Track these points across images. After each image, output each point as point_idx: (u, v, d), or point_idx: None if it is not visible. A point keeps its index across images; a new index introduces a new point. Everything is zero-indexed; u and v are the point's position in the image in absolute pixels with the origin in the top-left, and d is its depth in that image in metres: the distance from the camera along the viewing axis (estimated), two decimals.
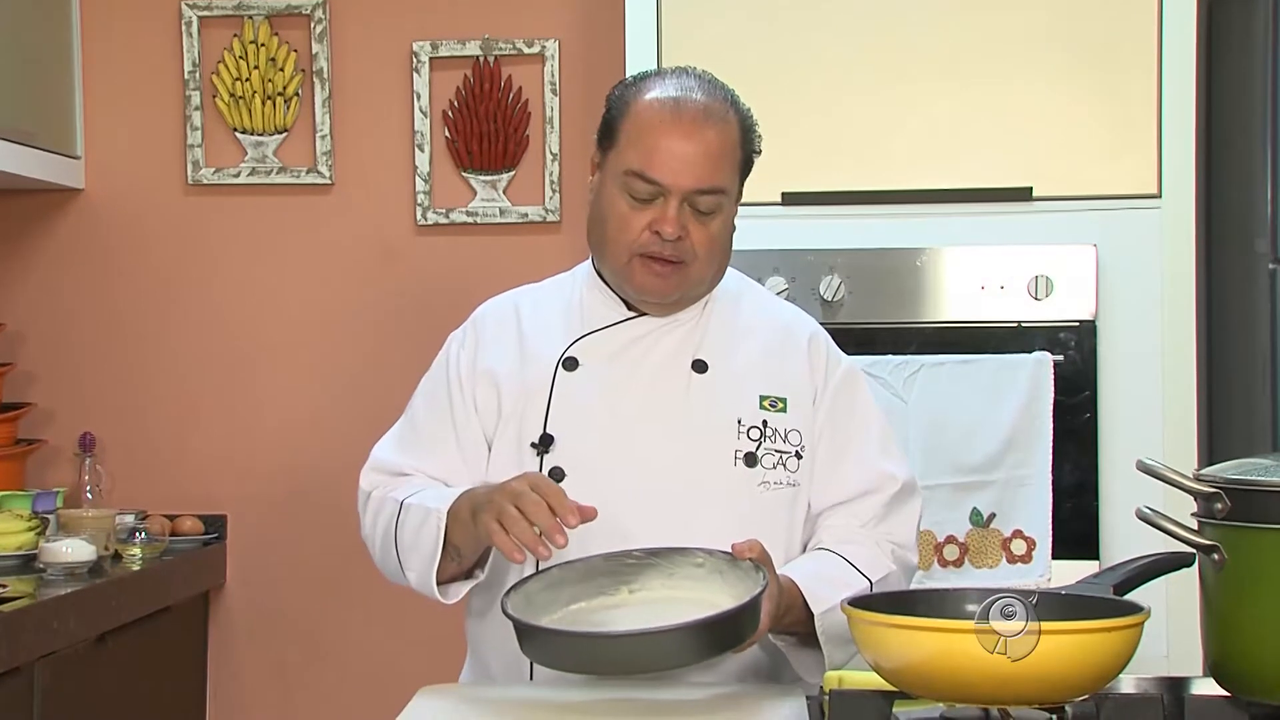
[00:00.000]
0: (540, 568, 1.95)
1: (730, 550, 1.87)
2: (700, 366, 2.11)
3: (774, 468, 2.08)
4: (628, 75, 2.20)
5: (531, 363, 2.12)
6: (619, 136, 2.07)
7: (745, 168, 2.11)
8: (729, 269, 2.22)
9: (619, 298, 2.14)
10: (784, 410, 2.10)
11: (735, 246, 3.03)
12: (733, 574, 1.86)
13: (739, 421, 2.08)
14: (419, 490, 2.07)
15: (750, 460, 2.07)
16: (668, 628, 1.72)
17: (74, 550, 3.12)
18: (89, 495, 3.61)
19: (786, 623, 1.95)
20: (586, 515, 1.86)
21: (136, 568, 3.29)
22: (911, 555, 2.15)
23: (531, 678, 2.05)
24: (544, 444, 2.07)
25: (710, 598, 1.85)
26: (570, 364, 2.11)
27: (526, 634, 1.79)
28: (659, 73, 2.13)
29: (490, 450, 2.12)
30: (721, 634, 1.76)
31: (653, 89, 2.07)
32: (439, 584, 2.02)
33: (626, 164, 2.04)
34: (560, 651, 1.79)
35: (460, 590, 2.04)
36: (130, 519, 3.45)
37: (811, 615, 1.95)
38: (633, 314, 2.14)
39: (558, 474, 2.05)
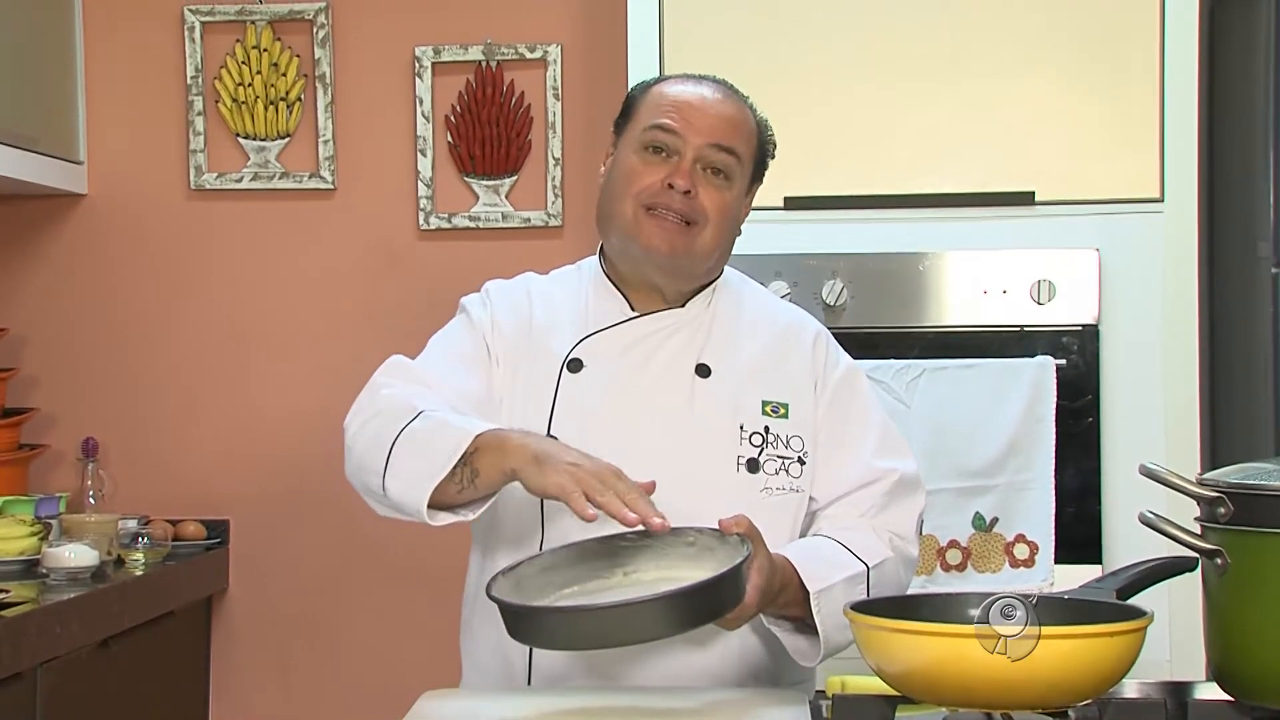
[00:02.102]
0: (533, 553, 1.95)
1: (719, 527, 1.87)
2: (703, 371, 2.11)
3: (776, 473, 2.08)
4: (630, 80, 2.24)
5: (538, 356, 2.12)
6: (638, 110, 2.13)
7: (759, 163, 2.16)
8: (733, 270, 2.23)
9: (624, 297, 2.14)
10: (786, 416, 2.10)
11: (738, 250, 3.03)
12: (723, 550, 1.87)
13: (741, 427, 2.08)
14: (444, 409, 1.99)
15: (752, 466, 2.07)
16: (648, 598, 1.73)
17: (77, 555, 3.12)
18: (91, 500, 3.61)
19: (781, 603, 1.95)
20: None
21: (139, 572, 3.28)
22: (911, 548, 2.14)
23: (530, 683, 2.05)
24: None
25: (703, 575, 1.85)
26: (575, 365, 2.11)
27: (510, 613, 1.79)
28: (684, 75, 2.19)
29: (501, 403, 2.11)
30: (703, 603, 1.76)
31: (677, 79, 2.16)
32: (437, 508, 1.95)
33: (645, 122, 2.09)
34: (543, 628, 1.79)
35: (444, 518, 1.94)
36: (133, 524, 3.45)
37: (807, 596, 1.95)
38: (637, 314, 2.14)
39: None
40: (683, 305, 2.14)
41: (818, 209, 3.10)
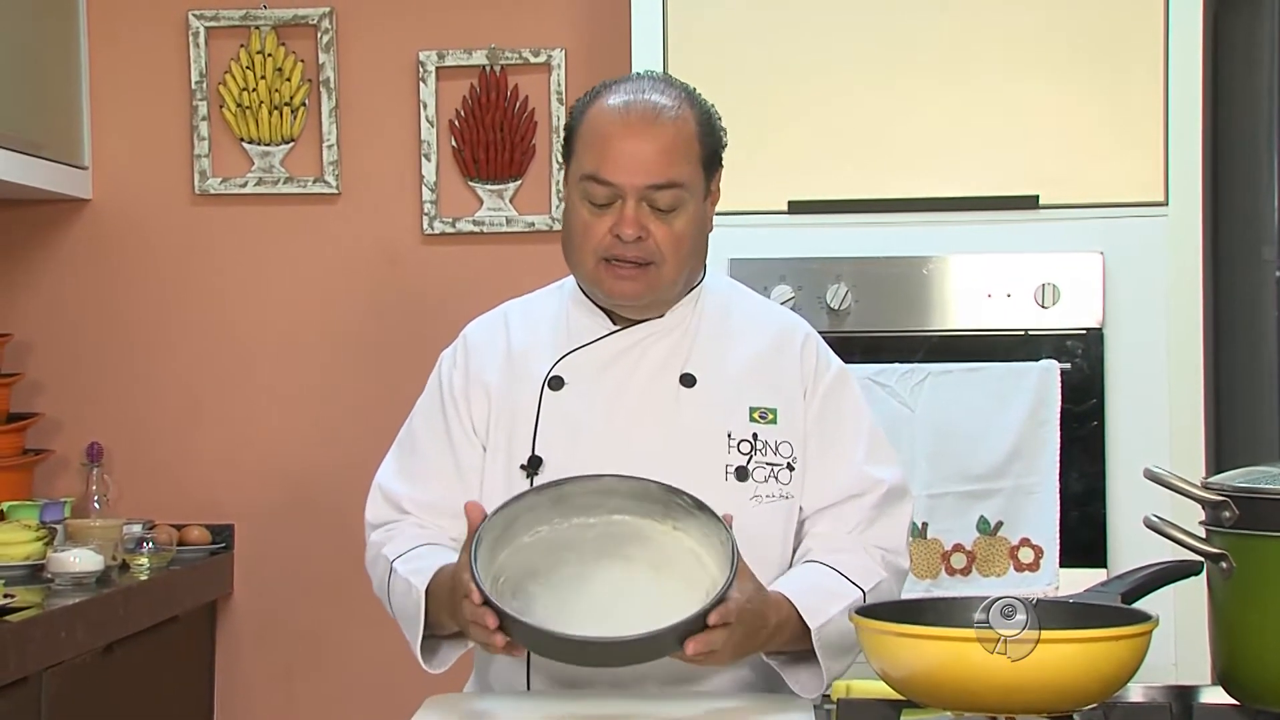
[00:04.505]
0: (591, 472, 1.95)
1: (730, 558, 1.86)
2: (688, 380, 2.08)
3: (765, 481, 2.06)
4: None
5: (519, 379, 2.11)
6: (576, 147, 2.08)
7: (711, 162, 2.08)
8: (721, 275, 2.21)
9: (603, 310, 2.13)
10: (774, 421, 2.08)
11: (742, 255, 3.04)
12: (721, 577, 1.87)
13: (729, 435, 2.06)
14: (409, 549, 2.06)
15: (741, 474, 2.05)
16: (572, 637, 1.77)
17: (81, 560, 3.12)
18: (96, 505, 3.61)
19: (779, 639, 1.94)
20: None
21: (144, 577, 3.28)
22: (902, 560, 2.12)
23: (529, 687, 2.04)
24: (533, 465, 2.06)
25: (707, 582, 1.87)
26: (556, 383, 2.09)
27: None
28: (616, 80, 2.12)
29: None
30: (641, 649, 1.80)
31: (607, 96, 2.07)
32: (435, 641, 2.03)
33: (582, 169, 2.04)
34: (505, 628, 1.82)
35: (451, 656, 2.03)
36: (137, 529, 3.45)
37: (805, 631, 1.93)
38: (617, 327, 2.12)
39: None
40: (662, 315, 2.12)
41: (821, 213, 3.09)
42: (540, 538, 1.92)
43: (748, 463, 2.06)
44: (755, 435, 2.07)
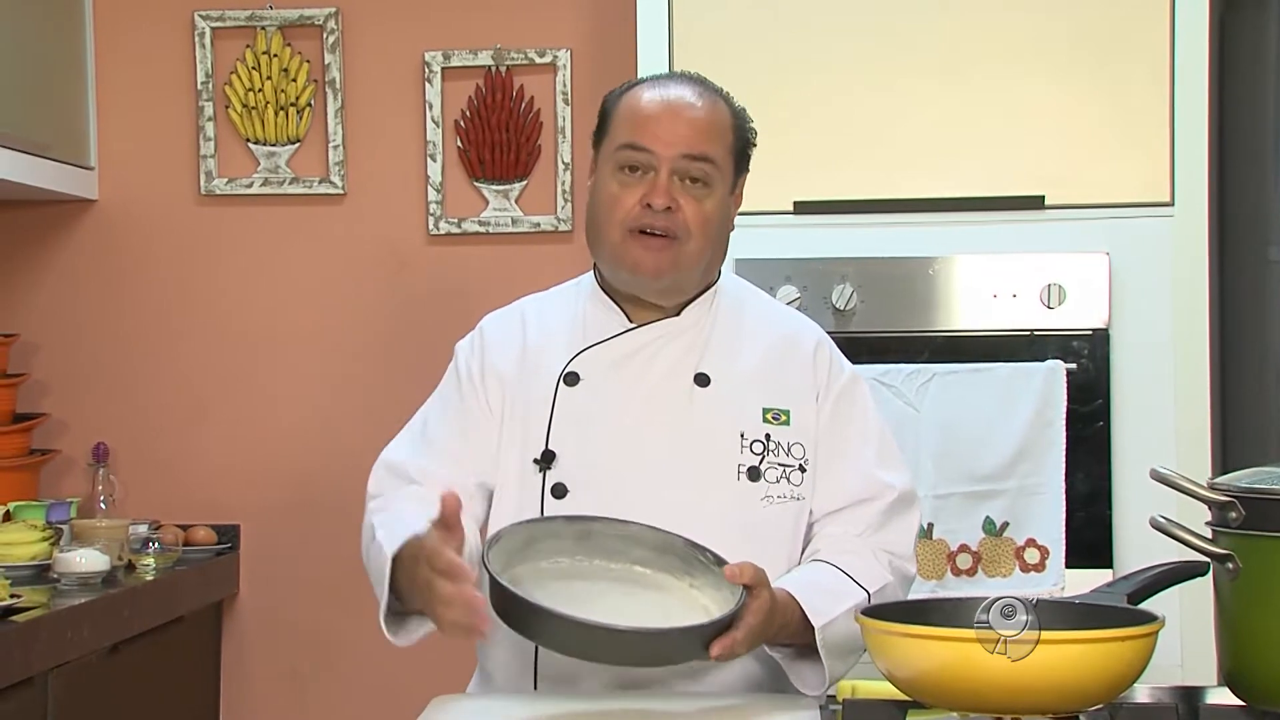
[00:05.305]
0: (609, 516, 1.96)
1: (725, 574, 1.87)
2: (702, 380, 2.09)
3: (777, 482, 2.07)
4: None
5: (534, 374, 2.12)
6: (610, 125, 2.12)
7: (741, 157, 2.13)
8: (733, 276, 2.22)
9: (620, 309, 2.14)
10: (787, 423, 2.09)
11: (747, 255, 3.03)
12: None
13: (741, 435, 2.07)
14: (396, 517, 2.03)
15: (753, 475, 2.06)
16: (610, 625, 1.76)
17: (87, 560, 3.12)
18: (102, 505, 3.61)
19: (784, 637, 1.95)
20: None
21: (150, 578, 3.29)
22: (909, 566, 2.13)
23: (536, 687, 2.05)
24: (546, 460, 2.07)
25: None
26: (571, 379, 2.10)
27: (496, 588, 1.82)
28: (652, 76, 2.18)
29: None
30: (660, 647, 1.81)
31: (644, 85, 2.13)
32: (404, 615, 1.96)
33: (617, 141, 2.08)
34: (518, 613, 1.81)
35: (415, 632, 1.94)
36: (143, 529, 3.46)
37: (809, 627, 1.94)
38: (633, 325, 2.13)
39: (560, 490, 2.05)
40: (678, 314, 2.13)
41: (827, 213, 3.10)
42: (559, 567, 1.93)
43: (760, 463, 2.07)
44: (768, 436, 2.08)
